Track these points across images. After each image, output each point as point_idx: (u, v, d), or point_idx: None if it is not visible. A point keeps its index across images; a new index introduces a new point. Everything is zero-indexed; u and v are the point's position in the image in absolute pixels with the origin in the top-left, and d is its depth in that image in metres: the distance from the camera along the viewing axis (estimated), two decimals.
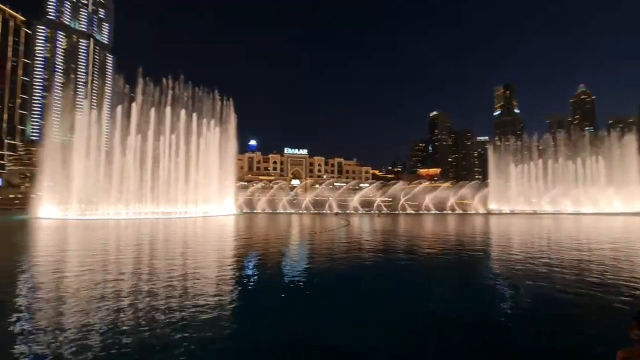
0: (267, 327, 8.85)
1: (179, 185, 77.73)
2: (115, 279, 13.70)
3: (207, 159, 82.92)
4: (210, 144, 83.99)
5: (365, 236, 34.10)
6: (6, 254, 21.52)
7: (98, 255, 20.53)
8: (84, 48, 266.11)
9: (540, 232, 39.17)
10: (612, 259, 19.56)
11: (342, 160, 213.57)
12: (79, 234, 35.43)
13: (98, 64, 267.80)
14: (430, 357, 7.39)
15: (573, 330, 8.80)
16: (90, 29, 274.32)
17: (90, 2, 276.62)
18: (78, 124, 72.00)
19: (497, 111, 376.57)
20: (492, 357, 7.44)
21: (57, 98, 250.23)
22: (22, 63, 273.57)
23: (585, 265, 17.28)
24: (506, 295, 12.58)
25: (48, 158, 71.51)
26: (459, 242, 28.96)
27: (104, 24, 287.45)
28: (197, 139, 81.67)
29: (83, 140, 71.17)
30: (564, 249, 23.95)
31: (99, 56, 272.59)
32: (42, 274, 15.02)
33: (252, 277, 15.14)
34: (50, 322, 8.74)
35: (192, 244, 27.18)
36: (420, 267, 18.04)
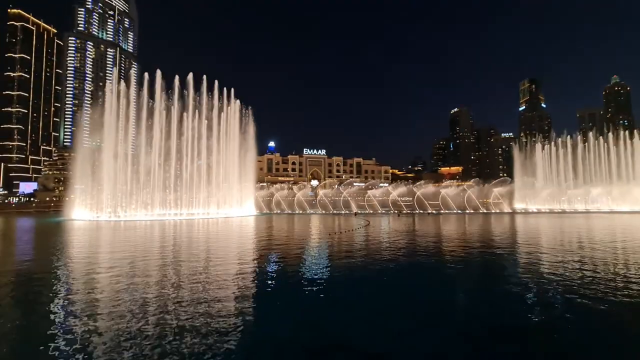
0: (296, 324, 8.93)
1: (201, 188, 79.96)
2: (161, 274, 14.19)
3: (227, 163, 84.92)
4: (230, 149, 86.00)
5: (386, 237, 33.60)
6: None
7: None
8: (111, 57, 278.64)
9: (578, 232, 37.21)
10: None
11: (360, 160, 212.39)
12: (122, 234, 37.10)
13: (124, 72, 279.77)
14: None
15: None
16: (116, 38, 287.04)
17: (116, 12, 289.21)
18: (106, 130, 75.45)
19: (522, 106, 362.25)
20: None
21: (86, 105, 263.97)
22: (55, 73, 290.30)
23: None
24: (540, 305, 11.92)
25: (79, 163, 75.53)
26: (490, 247, 27.95)
27: (129, 33, 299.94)
28: (218, 143, 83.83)
29: (111, 146, 74.51)
30: (606, 249, 22.56)
31: (125, 64, 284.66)
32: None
33: (276, 274, 15.21)
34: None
35: (216, 243, 27.76)
36: (448, 270, 17.49)
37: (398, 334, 8.68)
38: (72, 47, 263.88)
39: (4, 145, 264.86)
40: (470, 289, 14.13)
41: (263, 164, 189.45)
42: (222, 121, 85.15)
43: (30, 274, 16.01)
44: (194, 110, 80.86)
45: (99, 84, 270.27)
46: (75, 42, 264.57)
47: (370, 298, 12.18)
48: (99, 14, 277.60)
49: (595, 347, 8.04)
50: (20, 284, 14.07)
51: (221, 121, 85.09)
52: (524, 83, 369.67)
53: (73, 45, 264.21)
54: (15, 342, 8.29)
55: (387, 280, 15.10)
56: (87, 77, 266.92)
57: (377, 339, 8.44)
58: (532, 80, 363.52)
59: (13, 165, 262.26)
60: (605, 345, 8.11)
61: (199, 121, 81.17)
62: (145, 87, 76.68)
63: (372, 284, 14.22)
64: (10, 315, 10.11)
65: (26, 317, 10.00)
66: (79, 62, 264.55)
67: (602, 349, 7.92)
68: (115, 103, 77.06)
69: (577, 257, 19.85)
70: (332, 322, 9.59)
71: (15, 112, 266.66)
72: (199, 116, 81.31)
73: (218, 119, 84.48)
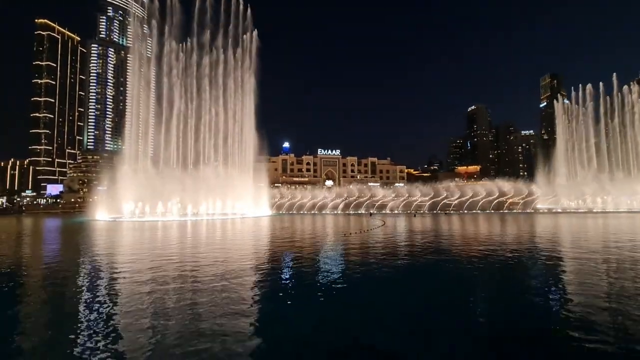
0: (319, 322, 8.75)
1: (218, 189, 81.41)
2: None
3: (243, 165, 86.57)
4: (245, 152, 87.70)
5: (402, 237, 33.04)
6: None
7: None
8: (131, 62, 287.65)
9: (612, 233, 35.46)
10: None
11: (375, 159, 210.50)
12: (151, 233, 38.19)
13: (142, 76, 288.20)
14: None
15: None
16: (135, 43, 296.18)
17: (135, 19, 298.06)
18: (127, 134, 77.90)
19: (544, 102, 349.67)
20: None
21: (108, 110, 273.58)
22: (79, 79, 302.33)
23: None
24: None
25: (102, 166, 78.48)
26: (520, 252, 27.00)
27: (147, 38, 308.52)
28: (233, 145, 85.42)
29: (132, 149, 76.89)
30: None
31: (143, 69, 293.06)
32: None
33: (295, 273, 15.12)
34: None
35: (234, 242, 28.07)
36: (474, 273, 16.93)
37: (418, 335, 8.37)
38: (94, 54, 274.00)
39: (33, 149, 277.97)
40: (496, 295, 13.58)
41: (277, 164, 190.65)
42: (237, 124, 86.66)
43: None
44: (209, 114, 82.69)
45: (120, 89, 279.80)
46: (97, 49, 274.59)
47: (393, 299, 11.88)
48: (119, 21, 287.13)
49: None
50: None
51: (237, 124, 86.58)
52: (545, 78, 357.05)
53: (95, 52, 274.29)
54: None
55: (404, 280, 14.72)
56: (108, 83, 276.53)
57: (400, 341, 8.17)
58: (553, 75, 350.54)
59: (41, 168, 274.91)
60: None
61: (215, 125, 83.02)
62: (164, 92, 78.78)
63: (393, 285, 13.90)
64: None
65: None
66: (101, 68, 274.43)
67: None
68: (135, 107, 79.49)
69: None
70: (353, 321, 9.38)
71: (42, 117, 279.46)
72: (215, 121, 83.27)
73: (234, 122, 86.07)
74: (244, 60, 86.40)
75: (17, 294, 12.44)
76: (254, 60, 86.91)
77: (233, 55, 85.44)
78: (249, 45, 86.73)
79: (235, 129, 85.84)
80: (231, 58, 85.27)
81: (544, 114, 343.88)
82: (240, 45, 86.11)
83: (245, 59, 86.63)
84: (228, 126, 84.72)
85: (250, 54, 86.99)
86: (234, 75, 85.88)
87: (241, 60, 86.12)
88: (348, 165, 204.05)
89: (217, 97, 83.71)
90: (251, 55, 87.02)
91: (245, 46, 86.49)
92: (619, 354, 7.21)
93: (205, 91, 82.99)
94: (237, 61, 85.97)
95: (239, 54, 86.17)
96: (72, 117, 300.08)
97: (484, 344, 8.00)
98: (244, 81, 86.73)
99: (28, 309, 10.73)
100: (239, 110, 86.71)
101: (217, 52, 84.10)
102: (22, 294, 12.44)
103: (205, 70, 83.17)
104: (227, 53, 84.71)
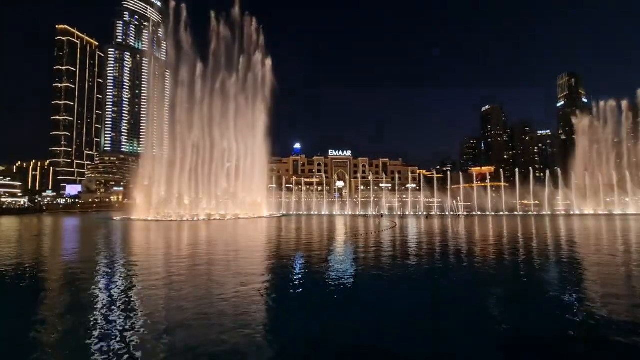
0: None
1: (232, 191, 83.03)
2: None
3: (254, 169, 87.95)
4: (257, 157, 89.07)
5: (413, 239, 32.86)
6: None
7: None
8: (146, 66, 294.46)
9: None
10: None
11: (387, 160, 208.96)
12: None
13: (158, 79, 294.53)
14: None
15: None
16: (151, 48, 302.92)
17: (151, 23, 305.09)
18: (147, 138, 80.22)
19: (561, 102, 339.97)
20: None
21: (124, 112, 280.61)
22: (97, 83, 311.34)
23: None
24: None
25: (119, 167, 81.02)
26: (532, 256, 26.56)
27: (162, 42, 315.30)
28: (245, 152, 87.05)
29: (149, 152, 79.16)
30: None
31: (159, 72, 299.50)
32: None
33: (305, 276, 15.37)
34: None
35: (247, 242, 28.59)
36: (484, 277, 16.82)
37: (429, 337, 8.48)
38: (111, 58, 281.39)
39: (53, 151, 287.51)
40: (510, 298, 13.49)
41: (289, 165, 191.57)
42: (249, 130, 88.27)
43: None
44: (223, 122, 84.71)
45: (136, 92, 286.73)
46: (114, 53, 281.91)
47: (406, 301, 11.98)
48: (135, 25, 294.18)
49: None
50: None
51: (248, 130, 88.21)
52: (562, 77, 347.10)
53: (112, 56, 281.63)
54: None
55: (414, 281, 14.77)
56: (124, 86, 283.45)
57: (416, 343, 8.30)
58: (571, 74, 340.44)
59: (60, 169, 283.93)
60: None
61: (229, 132, 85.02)
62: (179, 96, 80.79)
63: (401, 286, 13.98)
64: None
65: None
66: (117, 71, 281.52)
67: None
68: (151, 111, 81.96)
69: None
70: (365, 322, 9.55)
71: (62, 120, 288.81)
72: (230, 128, 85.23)
73: (247, 128, 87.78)
74: (255, 79, 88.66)
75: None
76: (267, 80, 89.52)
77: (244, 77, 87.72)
78: (262, 70, 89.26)
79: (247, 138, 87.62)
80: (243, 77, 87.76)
81: (561, 114, 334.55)
82: (253, 69, 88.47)
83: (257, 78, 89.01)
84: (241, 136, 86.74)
85: (264, 78, 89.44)
86: (245, 94, 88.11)
87: (253, 80, 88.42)
88: (359, 166, 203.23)
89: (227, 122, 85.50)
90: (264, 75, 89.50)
91: (257, 71, 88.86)
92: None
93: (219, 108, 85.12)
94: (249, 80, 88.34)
95: (251, 77, 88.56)
96: (90, 120, 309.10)
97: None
98: (256, 100, 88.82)
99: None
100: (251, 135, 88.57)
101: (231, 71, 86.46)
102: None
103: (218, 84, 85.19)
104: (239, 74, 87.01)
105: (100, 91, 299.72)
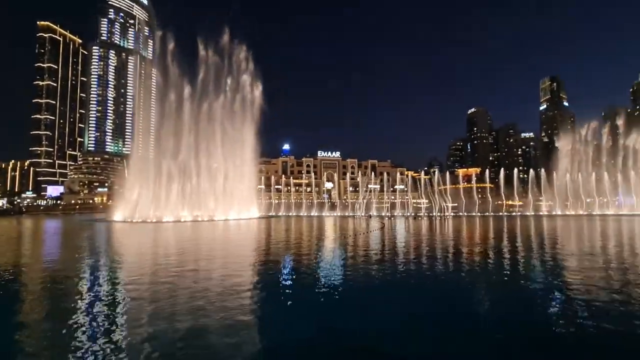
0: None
1: (217, 192, 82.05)
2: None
3: (242, 170, 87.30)
4: (245, 158, 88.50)
5: (401, 240, 33.26)
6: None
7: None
8: (132, 64, 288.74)
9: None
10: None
11: (375, 162, 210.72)
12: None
13: (144, 79, 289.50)
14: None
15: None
16: (137, 46, 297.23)
17: (137, 21, 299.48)
18: (134, 139, 78.62)
19: (543, 105, 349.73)
20: None
21: (109, 112, 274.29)
22: (80, 81, 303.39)
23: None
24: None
25: (103, 167, 79.12)
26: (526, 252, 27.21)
27: (148, 40, 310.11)
28: (233, 152, 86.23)
29: (135, 153, 77.50)
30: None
31: (145, 71, 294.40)
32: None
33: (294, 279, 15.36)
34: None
35: (234, 245, 28.38)
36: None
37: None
38: (95, 56, 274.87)
39: (34, 151, 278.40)
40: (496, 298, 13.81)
41: (277, 166, 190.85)
42: (235, 130, 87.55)
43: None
44: (209, 121, 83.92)
45: (121, 91, 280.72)
46: (98, 51, 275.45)
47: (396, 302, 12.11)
48: (121, 23, 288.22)
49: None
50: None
51: (235, 130, 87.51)
52: (544, 81, 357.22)
53: (97, 54, 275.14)
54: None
55: (402, 283, 14.96)
56: (109, 84, 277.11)
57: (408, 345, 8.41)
58: (553, 78, 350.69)
59: (41, 169, 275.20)
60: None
61: (214, 131, 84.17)
62: (165, 95, 79.39)
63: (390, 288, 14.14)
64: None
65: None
66: (102, 70, 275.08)
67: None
68: (137, 110, 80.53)
69: None
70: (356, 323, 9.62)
71: (43, 119, 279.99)
72: (215, 126, 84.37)
73: (232, 128, 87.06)
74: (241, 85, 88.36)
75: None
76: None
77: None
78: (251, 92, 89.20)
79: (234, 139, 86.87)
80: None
81: (543, 117, 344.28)
82: (242, 91, 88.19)
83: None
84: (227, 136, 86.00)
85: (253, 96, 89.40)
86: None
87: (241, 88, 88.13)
88: (348, 167, 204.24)
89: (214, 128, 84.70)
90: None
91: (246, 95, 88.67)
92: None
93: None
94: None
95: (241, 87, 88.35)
96: (73, 119, 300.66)
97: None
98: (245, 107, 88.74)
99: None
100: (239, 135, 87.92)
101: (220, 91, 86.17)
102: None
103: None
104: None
105: (83, 90, 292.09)
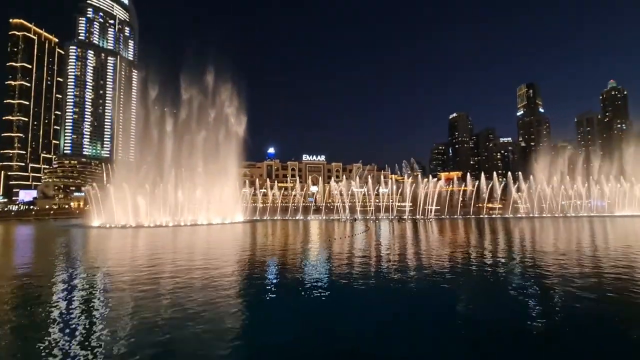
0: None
1: (201, 197, 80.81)
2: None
3: (225, 174, 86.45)
4: (228, 162, 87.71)
5: (386, 243, 33.72)
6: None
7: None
8: (111, 65, 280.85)
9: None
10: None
11: (360, 165, 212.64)
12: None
13: (124, 80, 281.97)
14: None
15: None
16: (117, 46, 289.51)
17: (117, 21, 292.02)
18: (114, 141, 76.38)
19: (520, 111, 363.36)
20: None
21: (87, 114, 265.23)
22: (56, 81, 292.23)
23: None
24: None
25: (80, 171, 76.40)
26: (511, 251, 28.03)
27: (129, 41, 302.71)
28: (216, 156, 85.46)
29: (115, 156, 75.13)
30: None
31: (125, 72, 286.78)
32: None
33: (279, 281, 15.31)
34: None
35: (221, 249, 27.99)
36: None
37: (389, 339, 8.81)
38: (73, 56, 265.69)
39: (5, 154, 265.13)
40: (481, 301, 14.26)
41: (262, 170, 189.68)
42: (219, 134, 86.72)
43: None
44: (191, 123, 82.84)
45: (99, 92, 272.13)
46: (76, 51, 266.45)
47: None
48: (100, 23, 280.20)
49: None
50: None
51: (218, 134, 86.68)
52: (521, 88, 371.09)
53: (74, 54, 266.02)
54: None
55: (390, 289, 15.21)
56: (87, 86, 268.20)
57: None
58: (529, 85, 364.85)
59: (13, 173, 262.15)
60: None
61: (196, 136, 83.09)
62: (146, 96, 77.54)
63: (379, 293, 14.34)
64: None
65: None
66: (79, 70, 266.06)
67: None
68: (116, 111, 78.37)
69: None
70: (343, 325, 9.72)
71: (15, 120, 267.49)
72: (197, 131, 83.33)
73: (215, 131, 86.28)
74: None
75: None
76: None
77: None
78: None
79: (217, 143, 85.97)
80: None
81: (520, 122, 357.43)
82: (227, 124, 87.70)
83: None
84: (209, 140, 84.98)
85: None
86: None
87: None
88: (333, 171, 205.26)
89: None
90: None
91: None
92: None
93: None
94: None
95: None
96: (48, 121, 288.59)
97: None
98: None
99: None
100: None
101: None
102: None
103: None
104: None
105: (59, 91, 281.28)
